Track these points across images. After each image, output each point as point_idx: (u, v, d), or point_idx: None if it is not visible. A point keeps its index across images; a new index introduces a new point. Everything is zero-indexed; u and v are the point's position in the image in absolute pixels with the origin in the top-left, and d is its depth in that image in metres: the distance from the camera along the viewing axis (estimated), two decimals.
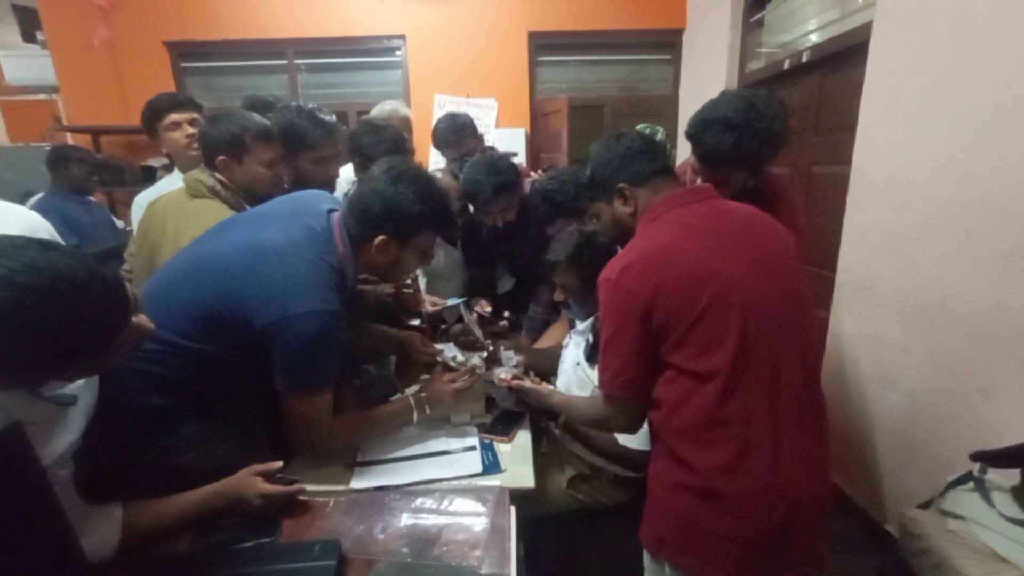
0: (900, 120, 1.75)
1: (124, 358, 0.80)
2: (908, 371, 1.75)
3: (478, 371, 1.36)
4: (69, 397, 0.76)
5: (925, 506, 1.42)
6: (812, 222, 2.35)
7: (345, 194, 1.52)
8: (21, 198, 3.39)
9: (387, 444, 1.24)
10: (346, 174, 1.82)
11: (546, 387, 1.32)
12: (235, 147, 1.36)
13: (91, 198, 3.01)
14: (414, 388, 1.39)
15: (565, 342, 1.63)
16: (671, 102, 4.08)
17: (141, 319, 0.78)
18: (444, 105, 3.96)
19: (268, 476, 0.99)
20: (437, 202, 1.13)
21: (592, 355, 1.39)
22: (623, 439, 1.29)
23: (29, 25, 3.92)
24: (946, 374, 1.61)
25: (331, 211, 1.13)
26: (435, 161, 3.80)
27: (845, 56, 2.17)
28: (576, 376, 1.42)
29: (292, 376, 1.03)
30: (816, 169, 2.43)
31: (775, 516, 0.89)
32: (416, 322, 1.90)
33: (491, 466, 1.18)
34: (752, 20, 3.10)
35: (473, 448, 1.24)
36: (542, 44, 4.04)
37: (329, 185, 1.52)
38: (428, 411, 1.26)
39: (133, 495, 0.94)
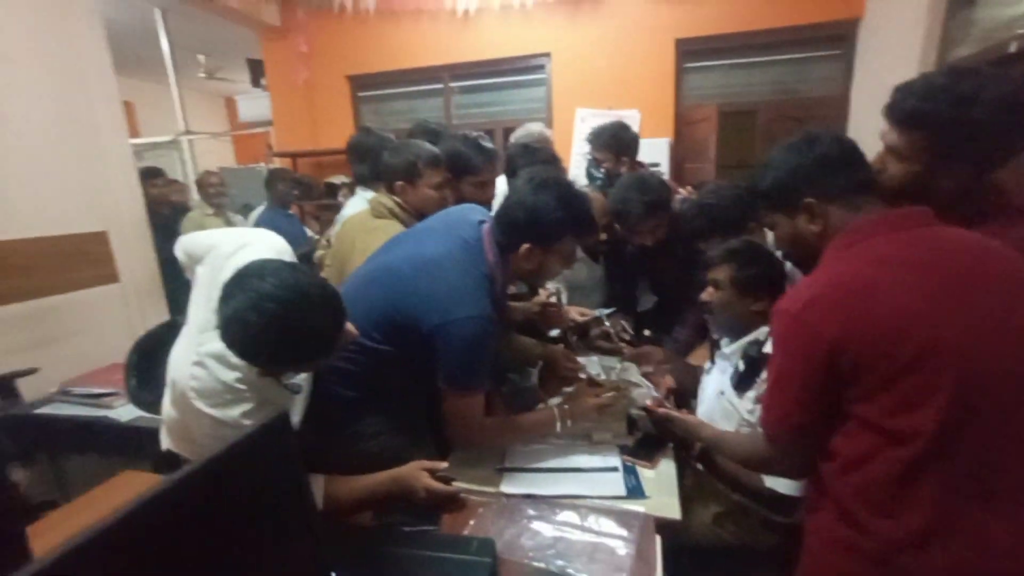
0: None
1: (337, 355, 0.98)
2: None
3: (622, 389, 1.37)
4: (297, 386, 0.96)
5: None
6: None
7: None
8: (240, 208, 4.25)
9: (532, 454, 1.30)
10: (500, 187, 1.95)
11: (694, 418, 1.26)
12: (410, 173, 1.56)
13: (291, 212, 3.64)
14: (557, 400, 1.45)
15: (707, 367, 1.53)
16: (839, 103, 3.62)
17: (349, 326, 0.95)
18: (585, 119, 4.01)
19: (433, 472, 1.11)
20: (577, 207, 1.18)
21: (741, 384, 1.29)
22: (771, 480, 1.19)
23: (256, 73, 4.90)
24: None
25: (481, 222, 1.24)
26: (575, 175, 3.88)
27: None
28: (719, 406, 1.34)
29: (451, 376, 1.15)
30: None
31: None
32: (556, 333, 1.97)
33: (634, 490, 1.17)
34: None
35: (615, 469, 1.25)
36: (689, 51, 3.88)
37: (487, 205, 1.65)
38: (570, 424, 1.30)
39: (328, 473, 1.13)
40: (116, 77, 2.65)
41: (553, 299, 1.72)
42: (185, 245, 1.19)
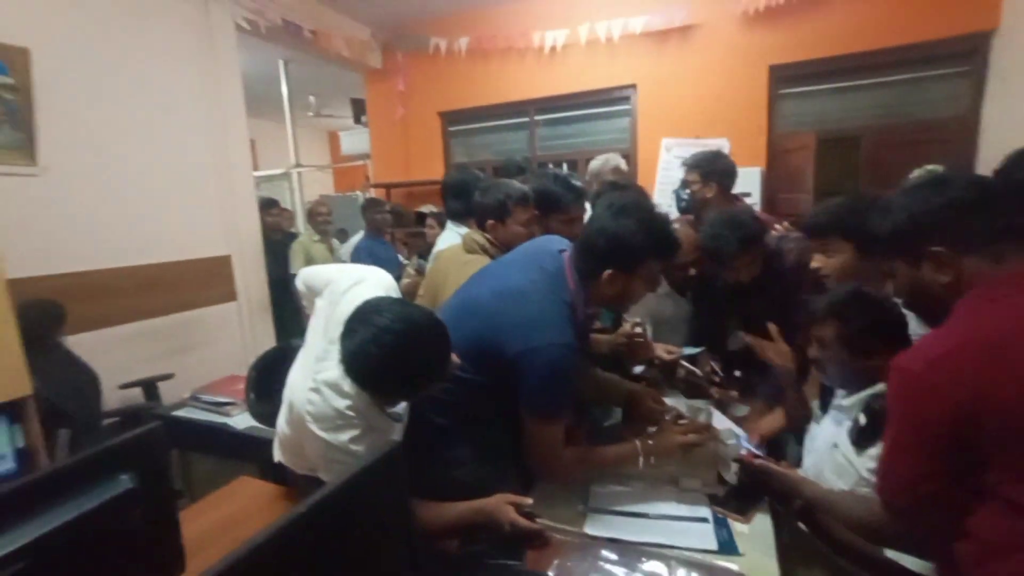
0: None
1: (444, 384, 1.04)
2: None
3: (710, 430, 1.31)
4: (399, 415, 1.03)
5: None
6: None
7: None
8: (337, 233, 4.64)
9: (617, 496, 1.28)
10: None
11: (796, 473, 1.17)
12: (500, 211, 1.63)
13: (384, 238, 3.91)
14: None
15: (817, 415, 1.41)
16: (966, 125, 3.27)
17: (452, 355, 1.02)
18: (671, 148, 3.95)
19: (518, 507, 1.12)
20: (658, 230, 1.17)
21: (861, 440, 1.16)
22: (892, 553, 1.07)
23: (358, 111, 5.40)
24: None
25: (561, 251, 1.26)
26: (658, 203, 3.81)
27: None
28: (832, 460, 1.21)
29: (533, 403, 1.16)
30: None
31: None
32: (640, 369, 1.93)
33: (726, 545, 1.11)
34: None
35: (705, 520, 1.19)
36: (784, 76, 3.72)
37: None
38: (653, 460, 1.27)
39: (418, 498, 1.19)
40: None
41: (639, 330, 1.69)
42: (305, 278, 1.33)
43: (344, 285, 1.16)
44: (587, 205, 2.01)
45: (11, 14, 2.17)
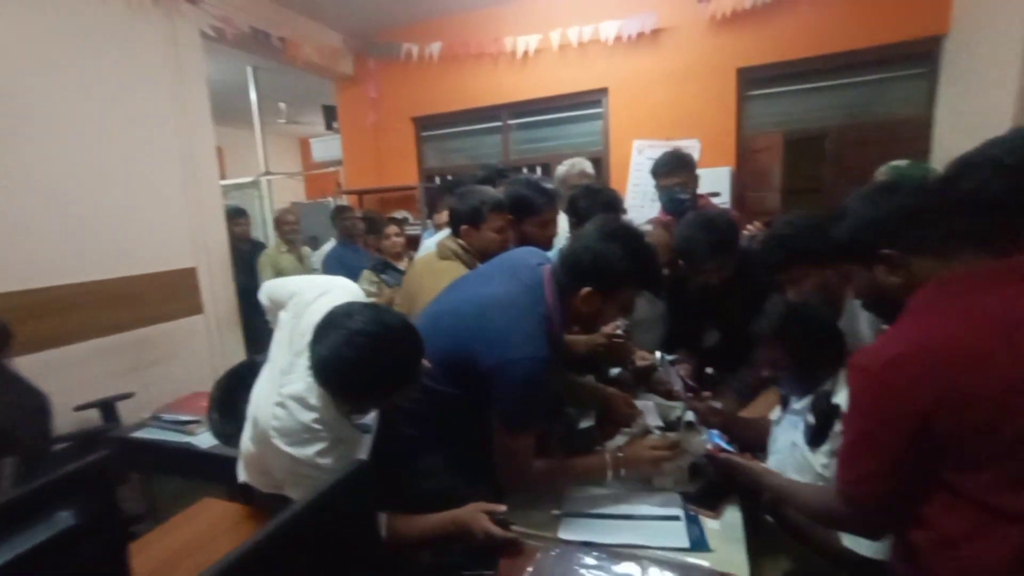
0: None
1: (416, 389, 1.03)
2: None
3: (683, 447, 1.32)
4: (367, 426, 1.01)
5: None
6: None
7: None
8: (308, 241, 4.56)
9: (591, 500, 1.27)
10: (561, 226, 1.98)
11: (758, 465, 1.20)
12: (475, 217, 1.62)
13: (359, 246, 3.85)
14: (617, 441, 1.41)
15: (776, 417, 1.46)
16: (921, 124, 3.40)
17: (424, 360, 1.01)
18: (642, 150, 4.00)
19: (492, 515, 1.11)
20: (644, 261, 1.17)
21: (814, 439, 1.21)
22: (849, 540, 1.09)
23: (329, 118, 5.32)
24: None
25: (539, 264, 1.26)
26: (631, 205, 3.86)
27: None
28: (792, 459, 1.26)
29: (506, 415, 1.15)
30: None
31: None
32: (616, 371, 1.93)
33: (698, 542, 1.12)
34: None
35: (677, 518, 1.19)
36: (752, 79, 3.81)
37: (549, 244, 1.68)
38: (623, 473, 1.27)
39: (388, 509, 1.16)
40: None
41: (619, 332, 1.69)
42: (269, 291, 1.29)
43: (310, 296, 1.13)
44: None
45: None
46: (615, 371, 1.86)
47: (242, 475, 1.19)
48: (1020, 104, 2.55)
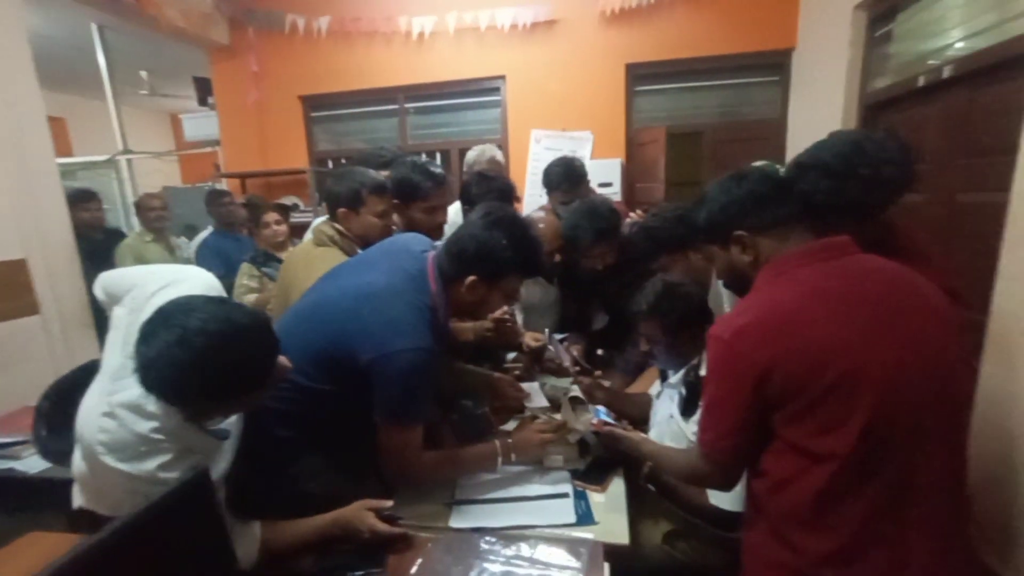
0: None
1: (270, 392, 0.93)
2: None
3: (569, 426, 1.37)
4: (224, 432, 0.90)
5: None
6: (955, 256, 2.06)
7: None
8: (184, 230, 4.07)
9: (484, 485, 1.28)
10: (453, 217, 1.94)
11: (637, 435, 1.29)
12: (353, 200, 1.53)
13: (243, 234, 3.50)
14: (511, 424, 1.43)
15: (656, 392, 1.59)
16: (778, 126, 3.84)
17: (281, 358, 0.91)
18: (540, 140, 4.09)
19: (378, 512, 1.06)
20: (528, 249, 1.18)
21: (687, 409, 1.33)
22: (715, 498, 1.22)
23: (203, 92, 4.74)
24: None
25: (423, 252, 1.22)
26: (530, 194, 3.93)
27: (1004, 67, 1.91)
28: (669, 429, 1.37)
29: (388, 410, 1.11)
30: (961, 197, 2.13)
31: None
32: (512, 355, 1.96)
33: (584, 517, 1.17)
34: (877, 34, 2.84)
35: (565, 495, 1.24)
36: (639, 75, 4.03)
37: (438, 231, 1.64)
38: (514, 458, 1.29)
39: (265, 517, 1.07)
40: (44, 93, 2.50)
41: (507, 316, 1.70)
42: (105, 283, 1.11)
43: (151, 288, 0.98)
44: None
45: None
46: (511, 355, 1.88)
47: (77, 499, 1.02)
48: (848, 111, 2.97)
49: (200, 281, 1.03)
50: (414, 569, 1.01)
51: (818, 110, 3.33)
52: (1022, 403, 1.70)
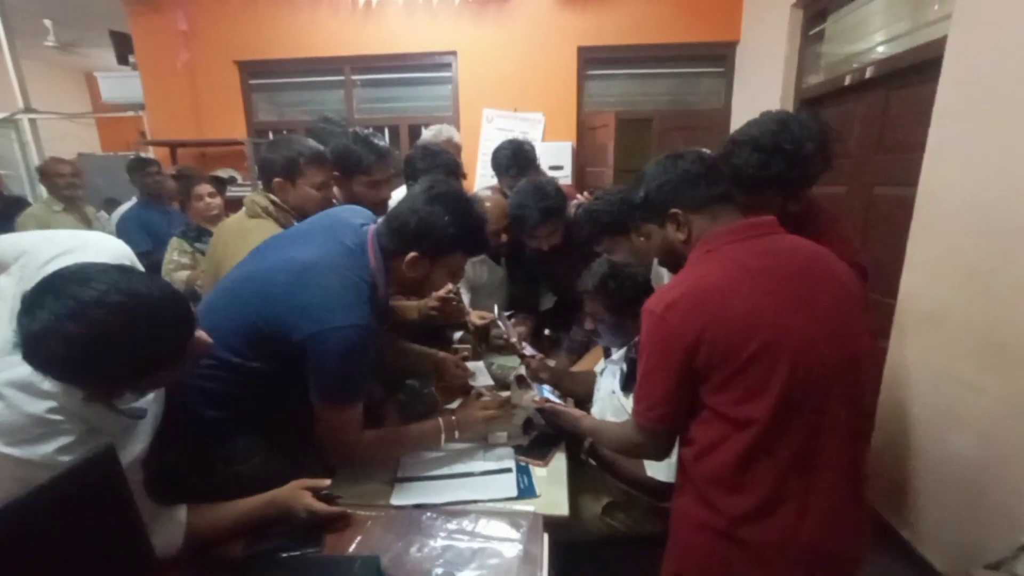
0: (975, 139, 1.64)
1: (187, 370, 0.87)
2: (979, 412, 1.63)
3: (513, 402, 1.38)
4: (139, 411, 0.84)
5: (996, 567, 1.32)
6: (871, 245, 2.24)
7: None
8: (104, 203, 3.73)
9: (427, 461, 1.27)
10: (399, 196, 1.88)
11: (576, 411, 1.32)
12: (290, 170, 1.45)
13: (173, 207, 3.25)
14: (457, 405, 1.43)
15: (600, 369, 1.64)
16: (723, 116, 3.99)
17: (200, 334, 0.85)
18: (492, 119, 4.03)
19: (316, 491, 1.03)
20: (470, 225, 1.15)
21: (627, 384, 1.38)
22: (651, 469, 1.28)
23: (123, 49, 4.31)
24: None
25: (363, 225, 1.18)
26: (482, 174, 3.89)
27: (915, 71, 2.05)
28: (611, 404, 1.42)
29: (325, 389, 1.07)
30: (878, 190, 2.31)
31: (798, 573, 0.87)
32: (459, 335, 1.95)
33: (526, 490, 1.19)
34: (811, 33, 2.98)
35: (509, 470, 1.25)
36: (591, 59, 4.05)
37: (381, 207, 1.58)
38: (458, 435, 1.29)
39: (197, 501, 1.01)
40: None
41: (451, 294, 1.68)
42: None
43: (46, 255, 0.89)
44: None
45: None
46: (458, 335, 1.87)
47: None
48: (785, 104, 3.12)
49: (106, 249, 0.93)
50: (352, 547, 1.00)
51: (758, 102, 3.46)
52: (918, 375, 1.89)
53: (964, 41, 1.70)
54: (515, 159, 2.15)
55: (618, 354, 1.46)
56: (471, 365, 1.58)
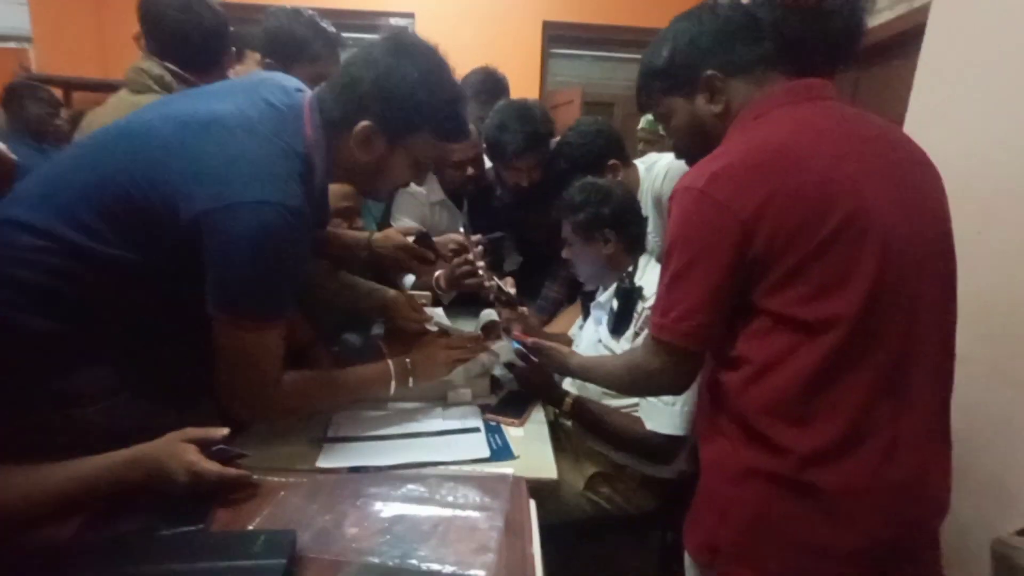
0: (958, 106, 1.59)
1: None
2: (966, 381, 1.53)
3: (485, 344, 1.12)
4: None
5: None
6: None
7: None
8: None
9: (367, 420, 0.97)
10: None
11: (564, 347, 1.10)
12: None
13: (55, 147, 2.69)
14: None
15: (578, 326, 1.43)
16: None
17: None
18: None
19: (205, 446, 0.72)
20: (447, 93, 0.86)
21: (617, 326, 1.17)
22: (651, 422, 1.06)
23: None
24: (1013, 386, 1.41)
25: (299, 91, 0.86)
26: None
27: (901, 43, 2.02)
28: (597, 354, 1.20)
29: (227, 295, 0.74)
30: None
31: (886, 527, 0.66)
32: (411, 279, 1.59)
33: (500, 451, 0.92)
34: None
35: (476, 430, 0.98)
36: (556, 36, 3.89)
37: None
38: (412, 382, 0.99)
39: (4, 459, 0.67)
40: None
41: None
42: None
43: None
44: None
45: None
46: (410, 278, 1.54)
47: None
48: None
49: None
50: (257, 521, 0.69)
51: None
52: None
53: (947, 10, 1.66)
54: (484, 86, 1.88)
55: (605, 295, 1.23)
56: (430, 311, 1.26)
